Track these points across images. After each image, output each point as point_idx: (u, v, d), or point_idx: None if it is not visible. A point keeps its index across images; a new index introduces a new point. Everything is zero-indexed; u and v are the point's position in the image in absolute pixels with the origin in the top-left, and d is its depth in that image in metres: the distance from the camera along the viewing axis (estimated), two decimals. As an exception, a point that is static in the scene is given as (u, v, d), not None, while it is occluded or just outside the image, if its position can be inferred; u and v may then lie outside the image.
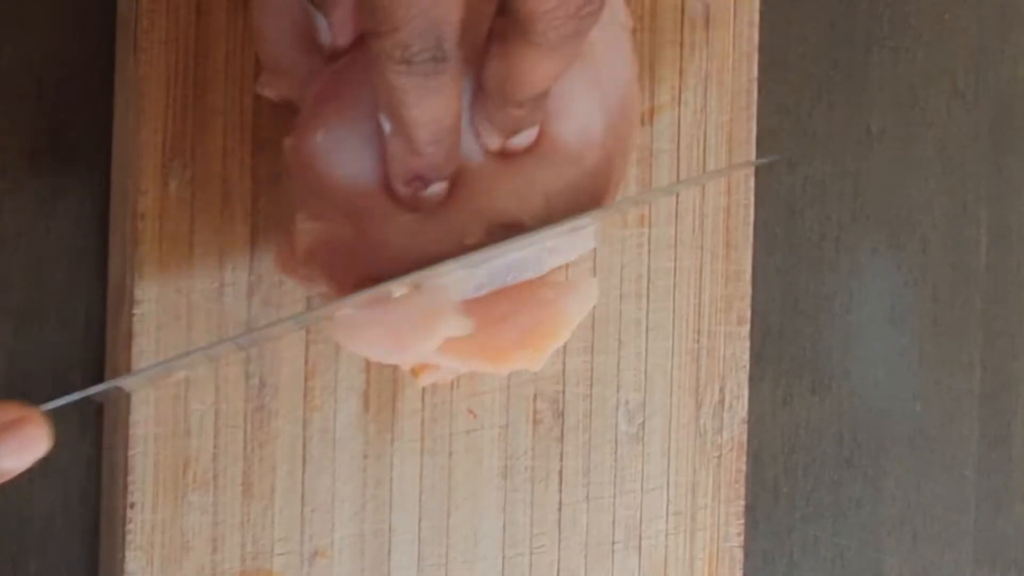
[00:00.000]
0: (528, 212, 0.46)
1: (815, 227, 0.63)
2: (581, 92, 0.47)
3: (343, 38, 0.47)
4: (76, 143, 0.52)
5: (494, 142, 0.46)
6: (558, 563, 0.56)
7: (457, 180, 0.46)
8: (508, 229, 0.45)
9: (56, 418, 0.52)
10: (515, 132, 0.46)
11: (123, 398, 0.50)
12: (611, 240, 0.56)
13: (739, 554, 0.59)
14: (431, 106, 0.42)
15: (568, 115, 0.47)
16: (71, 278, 0.52)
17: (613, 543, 0.57)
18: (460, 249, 0.45)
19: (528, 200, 0.46)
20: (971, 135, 0.66)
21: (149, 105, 0.50)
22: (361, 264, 0.46)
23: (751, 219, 0.58)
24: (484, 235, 0.45)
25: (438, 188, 0.45)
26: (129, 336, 0.50)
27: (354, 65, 0.47)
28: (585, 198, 0.47)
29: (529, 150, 0.46)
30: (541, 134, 0.47)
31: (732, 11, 0.57)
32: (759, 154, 0.58)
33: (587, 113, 0.47)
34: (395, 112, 0.43)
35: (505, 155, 0.46)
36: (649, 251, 0.56)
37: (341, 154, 0.47)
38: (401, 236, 0.45)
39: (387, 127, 0.44)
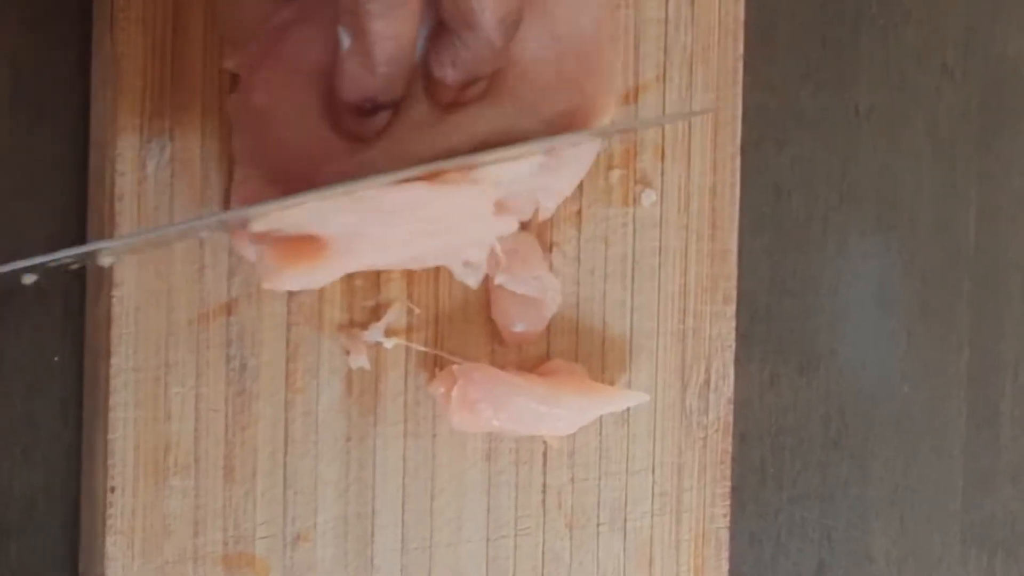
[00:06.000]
0: (471, 148, 0.47)
1: (803, 207, 0.63)
2: (530, 40, 0.48)
3: None
4: (54, 124, 0.51)
5: (453, 77, 0.46)
6: (543, 545, 0.56)
7: (402, 119, 0.47)
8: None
9: (37, 402, 0.51)
10: (475, 73, 0.46)
11: (103, 379, 0.50)
12: (595, 219, 0.56)
13: (725, 536, 0.58)
14: (395, 19, 0.43)
15: (515, 61, 0.47)
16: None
17: (598, 525, 0.56)
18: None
19: (474, 137, 0.47)
20: (961, 114, 0.65)
21: (126, 85, 0.50)
22: None
23: (737, 199, 0.58)
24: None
25: (383, 116, 0.46)
26: (108, 318, 0.50)
27: (287, 26, 0.47)
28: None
29: (478, 97, 0.47)
30: (490, 82, 0.47)
31: (718, -12, 0.57)
32: (746, 133, 0.58)
33: (536, 61, 0.48)
34: (358, 24, 0.43)
35: (456, 104, 0.47)
36: (634, 231, 0.56)
37: (279, 111, 0.47)
38: (344, 172, 0.46)
39: (346, 42, 0.44)
